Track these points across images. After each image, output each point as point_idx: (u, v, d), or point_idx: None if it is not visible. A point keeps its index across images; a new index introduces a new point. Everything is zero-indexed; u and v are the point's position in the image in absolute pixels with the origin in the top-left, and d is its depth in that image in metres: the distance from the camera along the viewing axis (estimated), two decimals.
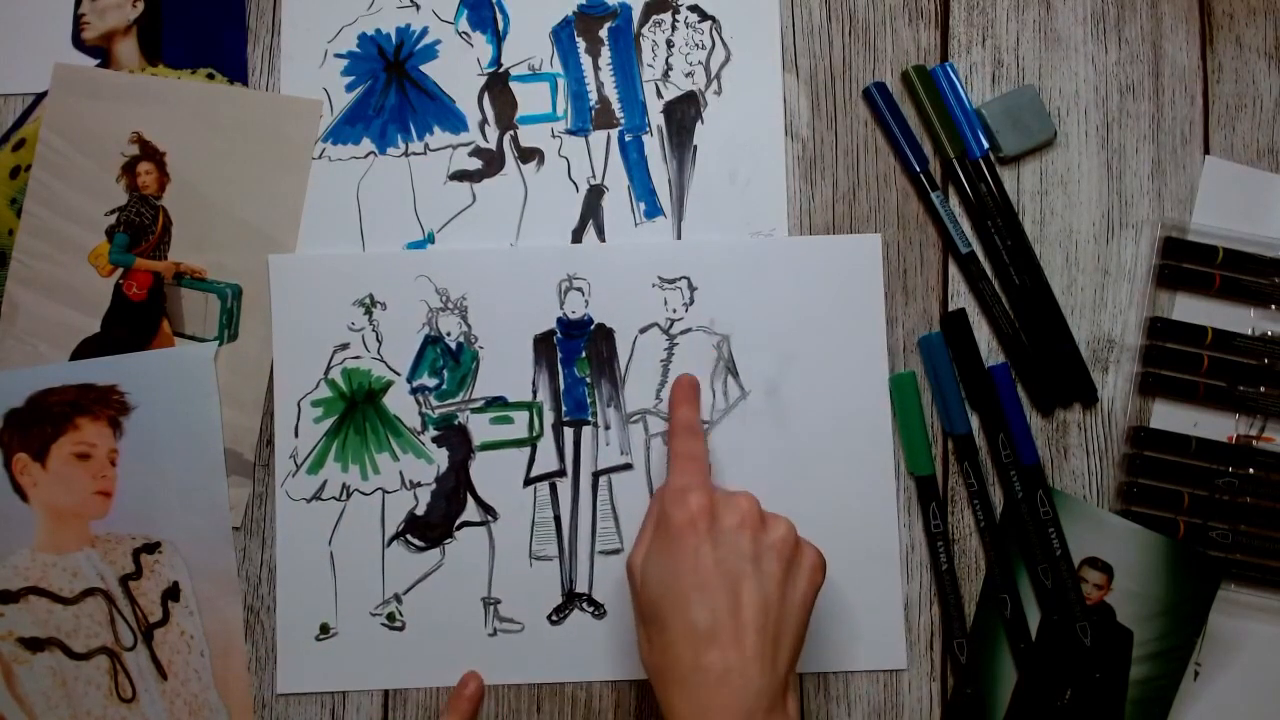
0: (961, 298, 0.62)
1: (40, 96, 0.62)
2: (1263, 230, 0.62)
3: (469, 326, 0.60)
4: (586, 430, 0.60)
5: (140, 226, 0.61)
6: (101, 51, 0.62)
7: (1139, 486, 0.60)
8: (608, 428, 0.60)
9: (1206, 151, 0.64)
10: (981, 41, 0.64)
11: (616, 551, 0.59)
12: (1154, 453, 0.61)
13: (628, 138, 0.62)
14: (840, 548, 0.59)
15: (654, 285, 0.60)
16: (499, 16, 0.62)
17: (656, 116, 0.62)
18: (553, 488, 0.60)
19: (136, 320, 0.60)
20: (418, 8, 0.62)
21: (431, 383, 0.60)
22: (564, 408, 0.60)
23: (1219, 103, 0.64)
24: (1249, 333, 0.62)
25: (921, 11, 0.64)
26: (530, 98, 0.62)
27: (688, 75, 0.62)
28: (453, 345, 0.60)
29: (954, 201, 0.62)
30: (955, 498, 0.61)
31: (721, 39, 0.62)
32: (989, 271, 0.62)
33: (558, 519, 0.59)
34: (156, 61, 0.62)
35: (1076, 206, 0.63)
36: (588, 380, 0.60)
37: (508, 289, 0.60)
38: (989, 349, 0.62)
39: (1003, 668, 0.59)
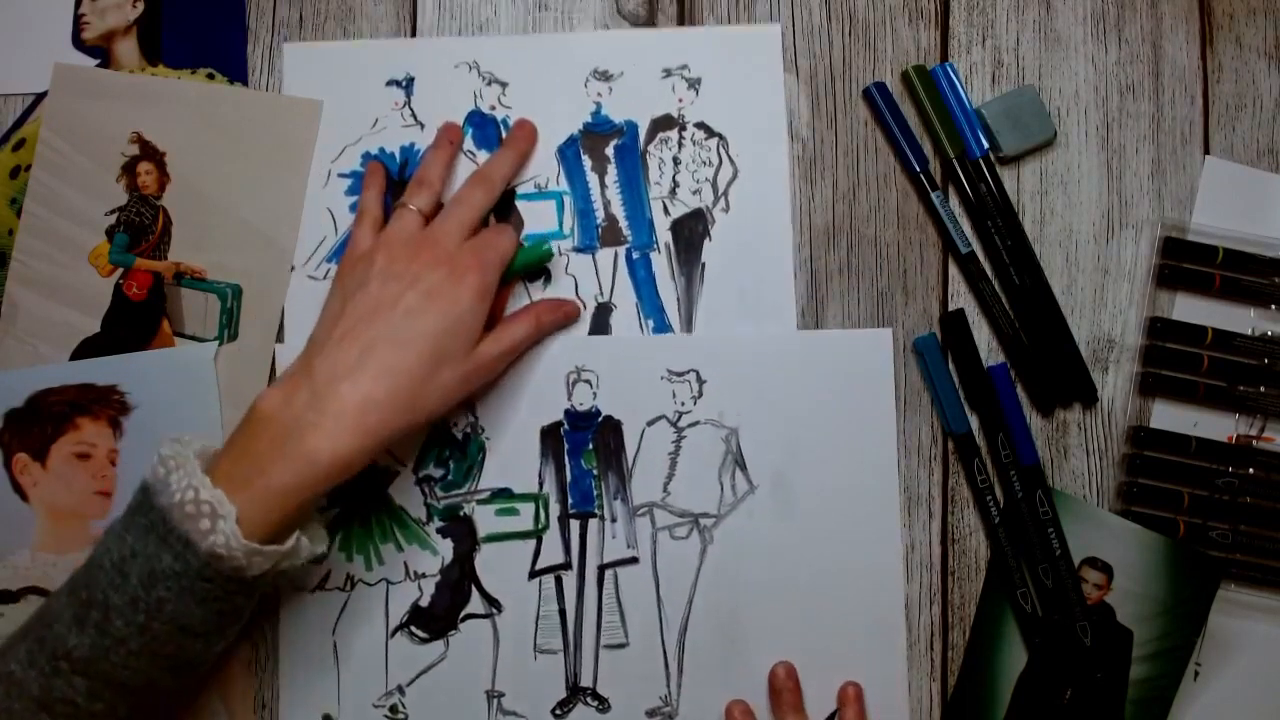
0: (961, 298, 0.62)
1: (40, 96, 0.62)
2: (1263, 230, 0.62)
3: (475, 417, 0.59)
4: (593, 523, 0.59)
5: (140, 226, 0.61)
6: (101, 51, 0.62)
7: (1139, 486, 0.60)
8: (614, 520, 0.59)
9: (1206, 151, 0.64)
10: (981, 41, 0.64)
11: (622, 646, 0.58)
12: (1154, 453, 0.61)
13: (635, 255, 0.61)
14: (847, 642, 0.58)
15: (662, 378, 0.60)
16: (504, 135, 0.61)
17: (664, 234, 0.61)
18: (558, 581, 0.59)
19: (136, 320, 0.60)
20: (422, 126, 0.61)
21: (437, 473, 0.59)
22: (570, 500, 0.59)
23: (1219, 103, 0.64)
24: (1249, 333, 0.62)
25: (921, 11, 0.64)
26: (537, 216, 0.61)
27: (695, 192, 0.61)
28: (459, 435, 0.59)
29: (954, 201, 0.63)
30: (955, 498, 0.61)
31: (729, 156, 0.62)
32: (989, 271, 0.62)
33: (563, 612, 0.59)
34: (156, 61, 0.62)
35: (1076, 206, 0.63)
36: (595, 472, 0.59)
37: (515, 379, 0.60)
38: (989, 349, 0.62)
39: (1003, 667, 0.59)
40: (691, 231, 0.61)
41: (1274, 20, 0.65)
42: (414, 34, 0.63)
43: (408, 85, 0.62)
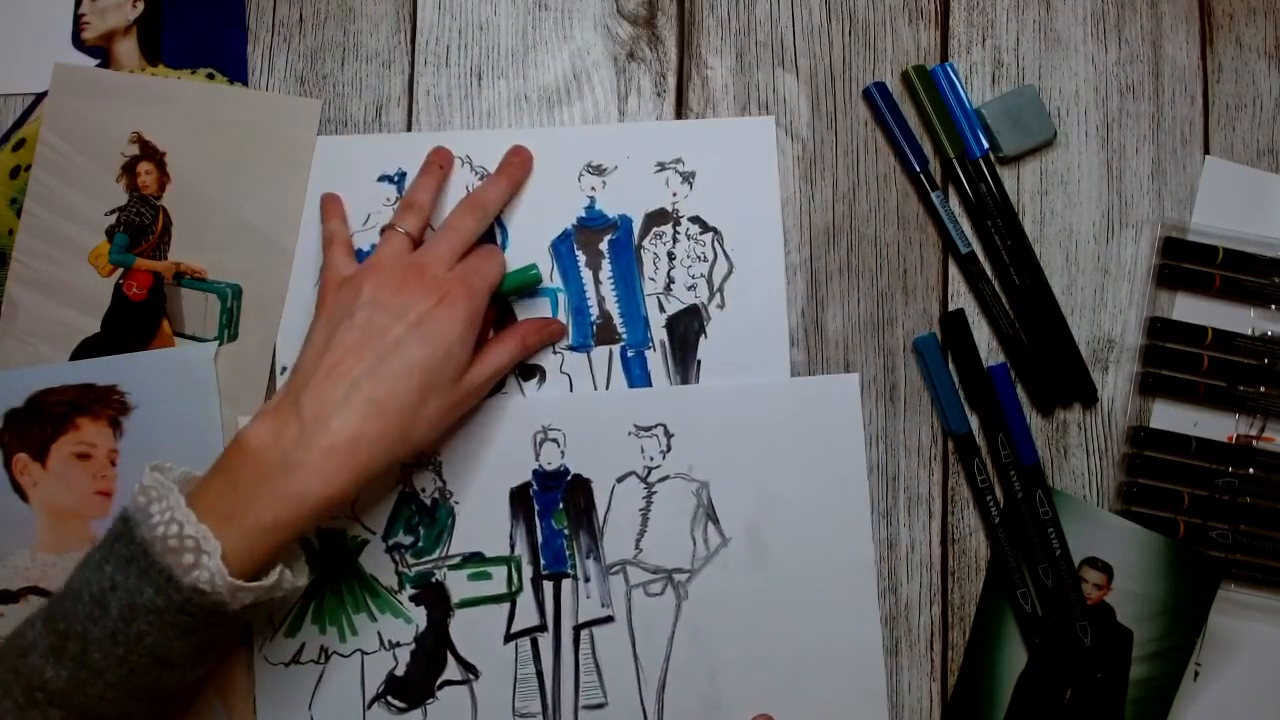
0: (961, 298, 0.62)
1: (40, 96, 0.62)
2: (1263, 230, 0.62)
3: (444, 482, 0.59)
4: (566, 583, 0.59)
5: (140, 226, 0.61)
6: (101, 51, 0.62)
7: (1139, 486, 0.60)
8: (587, 580, 0.59)
9: (1206, 151, 0.64)
10: (981, 41, 0.64)
11: (601, 706, 0.58)
12: (1154, 453, 0.61)
13: (630, 353, 0.60)
14: (827, 692, 0.58)
15: (630, 433, 0.59)
16: (497, 231, 0.61)
17: (659, 331, 0.60)
18: (534, 643, 0.58)
19: (136, 320, 0.60)
20: None
21: (407, 540, 0.59)
22: (542, 561, 0.59)
23: (1219, 103, 0.64)
24: (1249, 333, 0.62)
25: (921, 11, 0.64)
26: (530, 313, 0.60)
27: (690, 288, 0.61)
28: (427, 501, 0.59)
29: (954, 201, 0.63)
30: (955, 498, 0.61)
31: (724, 250, 0.61)
32: (989, 271, 0.62)
33: (540, 675, 0.58)
34: (156, 61, 0.62)
35: (1076, 206, 0.63)
36: (566, 532, 0.59)
37: (482, 443, 0.59)
38: (989, 349, 0.62)
39: (1003, 667, 0.59)
40: (687, 329, 0.60)
41: (1274, 20, 0.65)
42: (414, 34, 0.63)
43: (399, 180, 0.61)
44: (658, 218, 0.61)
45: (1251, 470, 0.61)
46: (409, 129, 0.62)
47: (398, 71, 0.63)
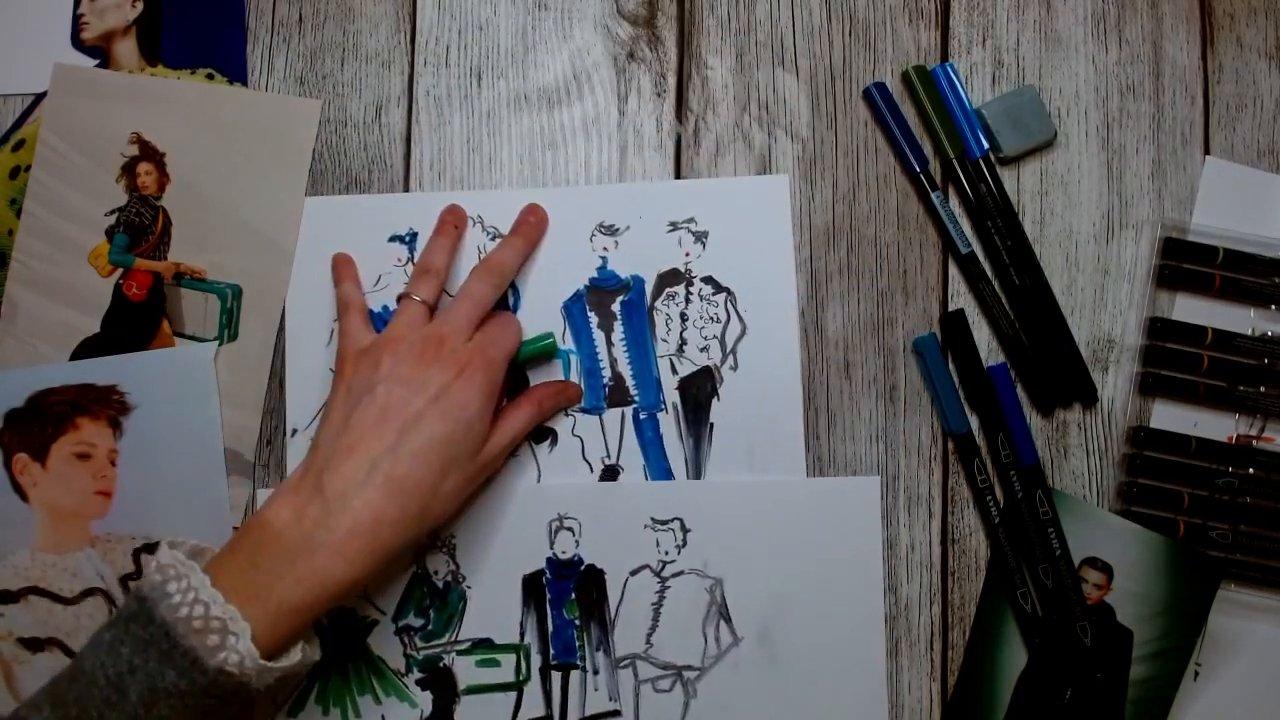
0: (961, 298, 0.62)
1: (40, 96, 0.62)
2: (1263, 230, 0.62)
3: (457, 565, 0.58)
4: (574, 674, 0.58)
5: (140, 226, 0.61)
6: (101, 51, 0.63)
7: (1139, 486, 0.60)
8: (596, 672, 0.58)
9: (1206, 151, 0.64)
10: (981, 41, 0.64)
11: None
12: (1154, 453, 0.61)
13: (642, 416, 0.60)
14: None
15: (646, 526, 0.58)
16: (509, 292, 0.60)
17: (671, 393, 0.60)
18: None
19: (136, 320, 0.60)
20: None
21: (417, 623, 0.58)
22: (552, 651, 0.58)
23: (1219, 103, 0.64)
24: (1249, 333, 0.62)
25: (921, 11, 0.64)
26: (543, 376, 0.60)
27: (702, 350, 0.60)
28: (440, 584, 0.58)
29: (954, 201, 0.63)
30: (955, 498, 0.61)
31: (736, 312, 0.60)
32: (989, 271, 0.62)
33: None
34: (156, 61, 0.63)
35: (1076, 206, 0.63)
36: (577, 623, 0.58)
37: (497, 527, 0.58)
38: (989, 349, 0.62)
39: (1003, 667, 0.59)
40: (699, 391, 0.60)
41: (1274, 20, 0.65)
42: (414, 34, 0.63)
43: (410, 241, 0.61)
44: (670, 278, 0.61)
45: (1251, 470, 0.61)
46: (408, 129, 0.62)
47: (397, 71, 0.63)
